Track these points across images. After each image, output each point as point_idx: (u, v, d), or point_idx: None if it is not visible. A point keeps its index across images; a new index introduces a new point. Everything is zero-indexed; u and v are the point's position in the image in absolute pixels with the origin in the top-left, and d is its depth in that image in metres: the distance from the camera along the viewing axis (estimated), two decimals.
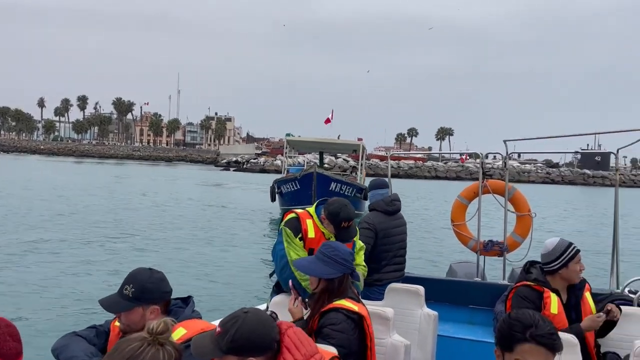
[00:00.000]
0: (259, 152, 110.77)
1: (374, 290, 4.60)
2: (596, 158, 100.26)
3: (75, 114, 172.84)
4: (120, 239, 14.72)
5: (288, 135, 26.82)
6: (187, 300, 2.43)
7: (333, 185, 19.89)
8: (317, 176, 19.44)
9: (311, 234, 3.65)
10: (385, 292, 4.16)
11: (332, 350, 2.40)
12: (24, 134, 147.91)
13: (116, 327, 2.42)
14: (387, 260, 4.73)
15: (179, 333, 2.14)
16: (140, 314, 2.29)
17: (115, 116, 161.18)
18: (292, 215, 3.77)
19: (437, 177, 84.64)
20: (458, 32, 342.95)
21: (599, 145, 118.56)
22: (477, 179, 5.80)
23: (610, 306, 3.47)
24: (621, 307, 3.73)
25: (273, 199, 21.64)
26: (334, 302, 2.79)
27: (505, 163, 5.52)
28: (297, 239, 3.63)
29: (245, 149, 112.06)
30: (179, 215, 20.94)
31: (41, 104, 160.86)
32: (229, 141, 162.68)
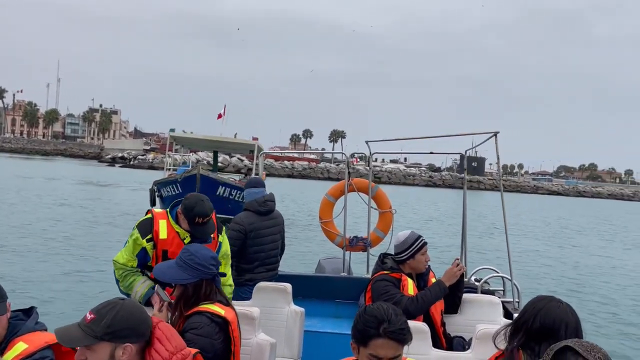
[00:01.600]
0: (148, 148, 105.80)
1: (246, 290, 4.56)
2: (472, 164, 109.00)
3: None
4: None
5: (172, 130, 23.17)
6: (29, 312, 2.23)
7: (221, 190, 17.58)
8: (201, 179, 16.98)
9: (163, 234, 3.49)
10: (253, 291, 4.13)
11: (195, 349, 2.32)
12: None
13: None
14: (260, 261, 4.72)
15: (19, 348, 2.00)
16: None
17: None
18: (148, 216, 3.61)
19: (330, 178, 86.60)
20: (350, 37, 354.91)
21: (475, 152, 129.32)
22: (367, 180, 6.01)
23: (457, 260, 3.84)
24: (466, 294, 4.09)
25: (153, 203, 18.85)
26: (200, 306, 2.70)
27: (369, 162, 5.78)
28: (146, 240, 3.48)
29: (132, 144, 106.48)
30: (47, 217, 19.12)
31: None
32: (114, 135, 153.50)
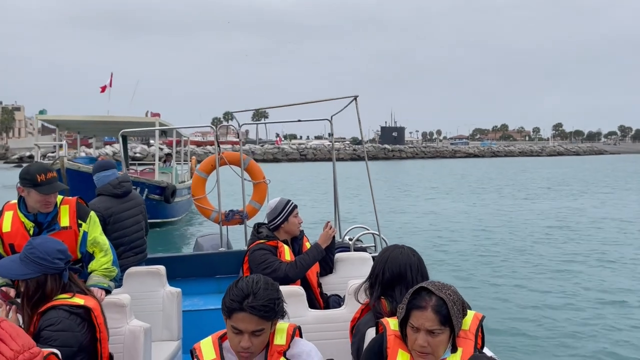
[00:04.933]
0: (58, 142, 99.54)
1: (115, 277, 4.42)
2: (393, 134, 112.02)
3: None
4: None
5: (42, 112, 17.72)
6: None
7: None
8: (68, 174, 12.88)
9: (6, 227, 3.23)
10: (124, 277, 3.98)
11: (51, 349, 2.17)
12: None
13: None
14: (126, 245, 4.57)
15: None
16: None
17: None
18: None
19: (255, 160, 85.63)
20: (258, 15, 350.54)
21: (395, 122, 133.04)
22: (294, 159, 5.92)
23: (328, 223, 3.98)
24: (340, 253, 4.19)
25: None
26: (54, 300, 2.54)
27: (239, 134, 5.71)
28: None
29: (41, 142, 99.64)
30: None
31: None
32: (19, 134, 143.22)
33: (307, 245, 3.95)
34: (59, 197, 3.36)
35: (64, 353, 2.37)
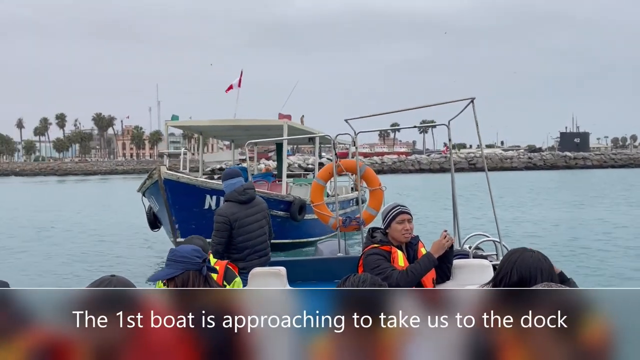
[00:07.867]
0: (243, 157, 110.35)
1: (242, 279, 4.59)
2: (575, 140, 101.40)
3: (54, 132, 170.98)
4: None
5: (174, 118, 16.00)
6: None
7: (210, 200, 11.31)
8: (167, 186, 11.00)
9: None
10: (248, 278, 4.31)
11: None
12: (4, 156, 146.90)
13: None
14: (250, 248, 4.91)
15: None
16: None
17: (96, 132, 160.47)
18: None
19: (422, 170, 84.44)
20: (421, 22, 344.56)
21: (577, 127, 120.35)
22: (462, 169, 6.05)
23: (444, 232, 3.83)
24: (458, 260, 4.08)
25: (153, 225, 12.89)
26: None
27: (354, 142, 5.78)
28: None
29: (229, 156, 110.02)
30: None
31: (20, 125, 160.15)
32: (212, 149, 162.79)
33: (423, 251, 3.82)
34: (213, 260, 3.76)
35: None
